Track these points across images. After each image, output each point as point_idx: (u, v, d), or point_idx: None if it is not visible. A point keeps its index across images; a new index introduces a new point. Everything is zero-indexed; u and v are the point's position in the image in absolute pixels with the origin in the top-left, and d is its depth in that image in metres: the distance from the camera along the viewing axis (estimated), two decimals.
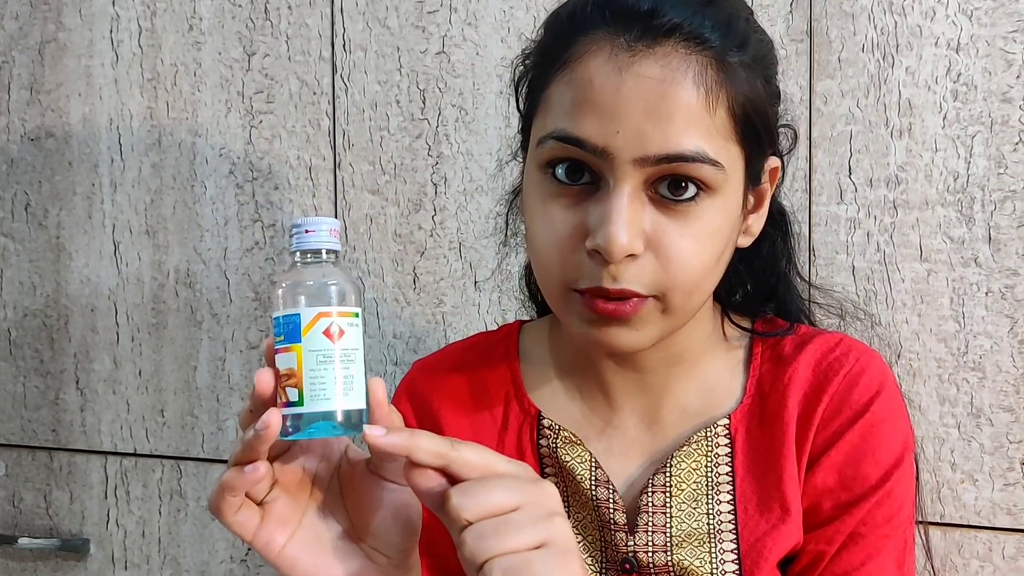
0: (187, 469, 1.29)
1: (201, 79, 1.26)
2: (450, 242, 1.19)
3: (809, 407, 0.79)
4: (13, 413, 1.36)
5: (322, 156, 1.23)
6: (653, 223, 0.70)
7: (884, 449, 0.78)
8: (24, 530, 1.36)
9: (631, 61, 0.68)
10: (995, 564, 1.03)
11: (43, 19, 1.32)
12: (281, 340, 0.64)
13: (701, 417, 0.81)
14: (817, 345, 0.81)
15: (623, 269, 0.69)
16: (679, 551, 0.78)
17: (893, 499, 0.77)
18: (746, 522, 0.78)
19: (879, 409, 0.78)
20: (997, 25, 1.01)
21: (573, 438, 0.82)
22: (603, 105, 0.69)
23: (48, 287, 1.34)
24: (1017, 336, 1.02)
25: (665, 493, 0.79)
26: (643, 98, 0.68)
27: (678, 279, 0.71)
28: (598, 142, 0.69)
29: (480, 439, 0.83)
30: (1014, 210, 1.01)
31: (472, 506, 0.60)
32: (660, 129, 0.68)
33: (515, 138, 0.84)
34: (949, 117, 1.03)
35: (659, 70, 0.68)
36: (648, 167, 0.69)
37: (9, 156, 1.34)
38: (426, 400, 0.86)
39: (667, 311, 0.72)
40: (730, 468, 0.79)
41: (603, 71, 0.69)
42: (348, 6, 1.21)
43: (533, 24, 1.14)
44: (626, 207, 0.69)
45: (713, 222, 0.71)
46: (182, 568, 1.30)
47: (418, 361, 0.91)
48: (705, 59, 0.69)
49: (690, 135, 0.68)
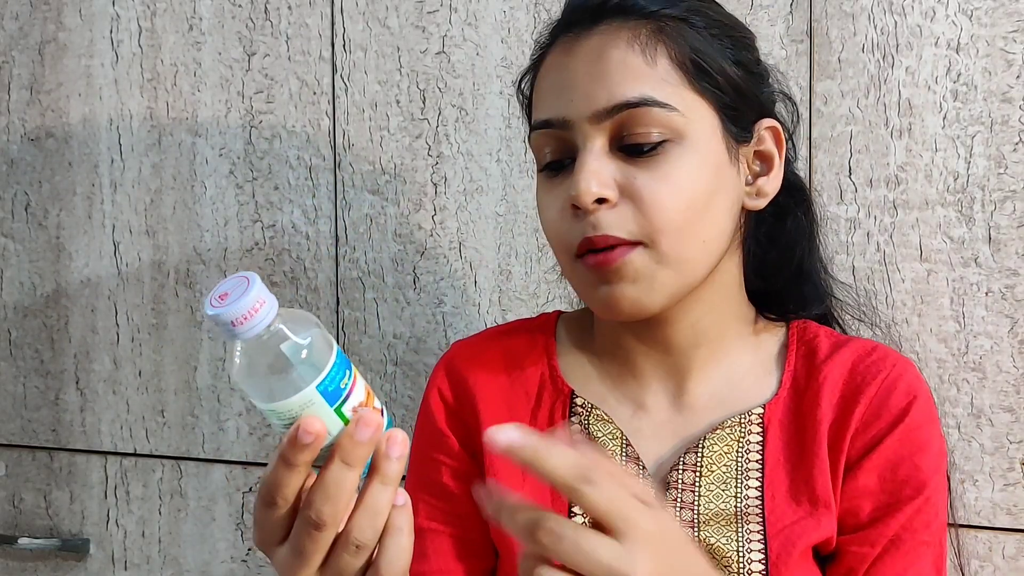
0: (187, 469, 1.29)
1: (201, 79, 1.26)
2: (450, 242, 1.19)
3: (846, 409, 0.81)
4: (13, 413, 1.36)
5: (322, 156, 1.23)
6: (624, 173, 0.76)
7: (922, 454, 0.80)
8: (24, 530, 1.36)
9: (577, 42, 0.78)
10: (995, 564, 1.03)
11: (43, 19, 1.32)
12: (348, 378, 0.58)
13: (734, 405, 0.83)
14: (853, 349, 0.84)
15: (601, 217, 0.75)
16: (706, 529, 0.79)
17: (931, 506, 0.79)
18: (773, 509, 0.79)
19: (917, 414, 0.80)
20: (997, 25, 1.01)
21: (604, 416, 0.84)
22: (557, 84, 0.78)
23: (48, 287, 1.34)
24: (1017, 336, 1.02)
25: (695, 472, 0.81)
26: (585, 66, 0.77)
27: (657, 221, 0.75)
28: (558, 114, 0.77)
29: (513, 414, 0.86)
30: (1014, 210, 1.01)
31: None
32: (603, 84, 0.76)
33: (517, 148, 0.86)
34: (949, 117, 1.03)
35: (597, 42, 0.77)
36: (604, 121, 0.76)
37: (9, 156, 1.34)
38: (463, 375, 0.88)
39: (661, 260, 0.76)
40: (760, 456, 0.81)
41: (556, 59, 0.80)
42: (348, 6, 1.21)
43: (533, 24, 1.14)
44: (590, 159, 0.75)
45: (686, 166, 0.76)
46: (182, 568, 1.30)
47: (457, 341, 0.94)
48: (636, 22, 0.77)
49: (631, 84, 0.75)
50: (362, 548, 0.58)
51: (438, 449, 0.88)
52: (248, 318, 0.55)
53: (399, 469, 0.58)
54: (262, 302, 0.56)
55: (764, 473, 0.81)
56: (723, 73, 0.78)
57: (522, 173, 1.15)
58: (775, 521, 0.79)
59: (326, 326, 1.23)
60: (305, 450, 0.56)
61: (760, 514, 0.79)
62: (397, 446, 0.58)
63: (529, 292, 1.16)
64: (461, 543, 0.86)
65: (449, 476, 0.87)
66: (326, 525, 0.57)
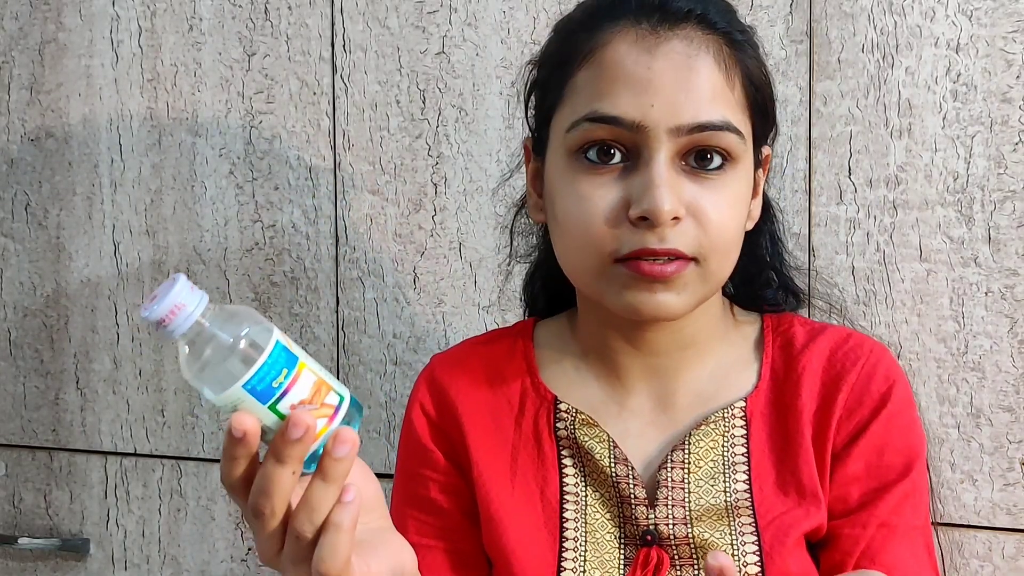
0: (187, 469, 1.29)
1: (201, 79, 1.26)
2: (450, 242, 1.19)
3: (828, 397, 0.82)
4: (13, 413, 1.36)
5: (322, 156, 1.23)
6: (690, 191, 0.75)
7: (905, 438, 0.82)
8: (24, 530, 1.36)
9: (657, 42, 0.75)
10: (995, 564, 1.03)
11: (43, 19, 1.32)
12: (286, 373, 0.60)
13: (716, 401, 0.84)
14: (829, 337, 0.85)
15: (668, 232, 0.74)
16: (699, 524, 0.80)
17: (916, 488, 0.81)
18: (762, 500, 0.80)
19: (898, 398, 0.82)
20: (997, 25, 1.01)
21: (590, 420, 0.84)
22: (636, 82, 0.75)
23: (48, 287, 1.34)
24: (1017, 336, 1.02)
25: (683, 469, 0.81)
26: (674, 72, 0.74)
27: (717, 242, 0.76)
28: (634, 116, 0.74)
29: (497, 425, 0.86)
30: (1014, 210, 1.02)
31: None
32: (691, 100, 0.74)
33: (517, 148, 0.86)
34: (949, 117, 1.03)
35: (684, 47, 0.75)
36: (681, 137, 0.74)
37: (9, 156, 1.34)
38: (444, 389, 0.88)
39: (705, 276, 0.77)
40: (745, 449, 0.82)
41: (632, 52, 0.75)
42: (348, 6, 1.21)
43: (533, 25, 1.14)
44: (665, 173, 0.74)
45: (737, 191, 0.78)
46: (182, 568, 1.30)
47: (437, 355, 0.93)
48: (718, 38, 0.76)
49: (717, 106, 0.75)
50: (301, 539, 0.59)
51: (424, 465, 0.87)
52: (170, 318, 0.59)
53: (343, 469, 0.59)
54: (183, 302, 0.59)
55: (750, 466, 0.82)
56: (770, 97, 0.81)
57: (522, 173, 1.15)
58: (765, 512, 0.80)
59: (326, 326, 1.24)
60: (238, 444, 0.59)
61: (750, 507, 0.80)
62: (343, 446, 0.59)
63: None
64: (454, 556, 0.86)
65: (437, 491, 0.86)
66: (263, 516, 0.59)
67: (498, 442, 0.86)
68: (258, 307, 1.26)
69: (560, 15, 0.87)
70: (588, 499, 0.83)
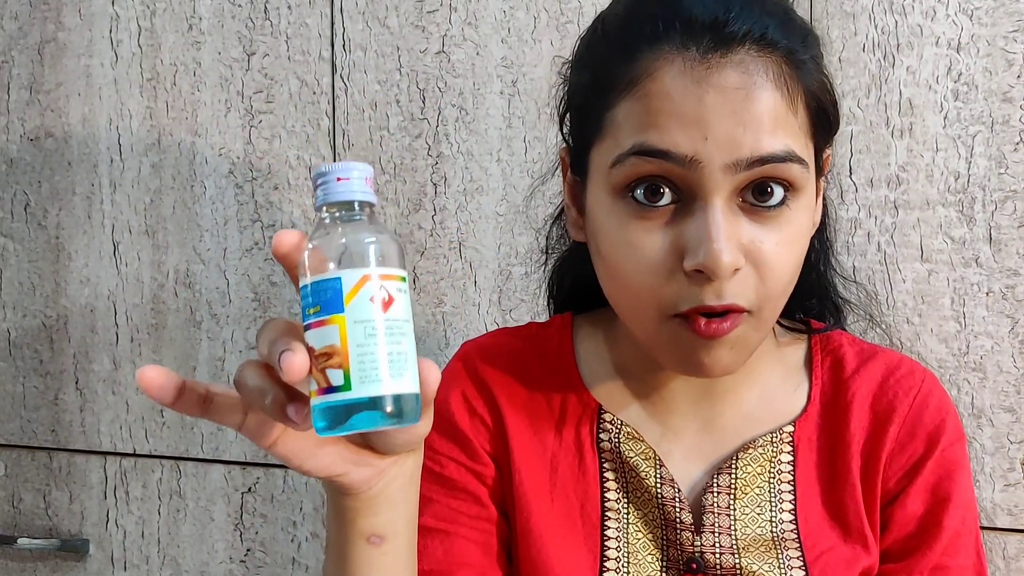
0: (187, 469, 1.29)
1: (201, 79, 1.26)
2: (450, 242, 1.19)
3: (879, 428, 0.79)
4: (13, 413, 1.36)
5: (322, 156, 1.22)
6: (750, 234, 0.68)
7: (958, 473, 0.78)
8: (24, 530, 1.35)
9: (708, 72, 0.67)
10: (995, 564, 1.03)
11: (43, 19, 1.32)
12: (316, 311, 0.52)
13: (764, 424, 0.80)
14: (880, 363, 0.81)
15: (727, 286, 0.67)
16: (746, 555, 0.76)
17: (967, 527, 0.78)
18: (808, 533, 0.77)
19: (952, 433, 0.79)
20: (997, 25, 1.01)
21: (635, 434, 0.79)
22: (687, 115, 0.67)
23: (48, 287, 1.34)
24: (1018, 336, 1.02)
25: (729, 495, 0.78)
26: (729, 105, 0.66)
27: (773, 291, 0.69)
28: (687, 151, 0.67)
29: (537, 430, 0.82)
30: (1015, 210, 1.01)
31: None
32: (750, 132, 0.66)
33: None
34: (950, 117, 1.03)
35: (739, 77, 0.67)
36: (739, 173, 0.67)
37: (9, 156, 1.34)
38: (486, 382, 0.83)
39: (757, 326, 0.71)
40: (792, 478, 0.78)
41: (680, 84, 0.67)
42: (348, 6, 1.21)
43: (533, 24, 1.14)
44: (723, 219, 0.67)
45: (801, 225, 0.71)
46: (181, 568, 1.30)
47: (470, 342, 0.87)
48: (778, 59, 0.68)
49: (778, 135, 0.67)
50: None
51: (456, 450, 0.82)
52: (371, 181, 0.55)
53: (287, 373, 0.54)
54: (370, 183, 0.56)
55: (796, 495, 0.78)
56: (834, 110, 0.73)
57: (522, 173, 1.15)
58: (811, 547, 0.77)
59: None
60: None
61: (796, 539, 0.77)
62: (291, 372, 0.54)
63: (529, 292, 1.16)
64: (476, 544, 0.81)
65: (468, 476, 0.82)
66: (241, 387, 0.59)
67: (539, 450, 0.81)
68: (257, 307, 1.26)
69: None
70: (630, 517, 0.79)
